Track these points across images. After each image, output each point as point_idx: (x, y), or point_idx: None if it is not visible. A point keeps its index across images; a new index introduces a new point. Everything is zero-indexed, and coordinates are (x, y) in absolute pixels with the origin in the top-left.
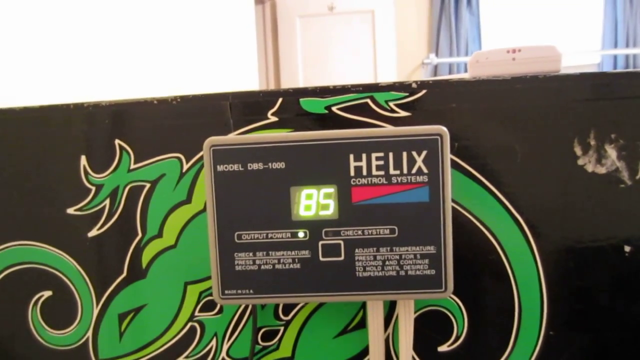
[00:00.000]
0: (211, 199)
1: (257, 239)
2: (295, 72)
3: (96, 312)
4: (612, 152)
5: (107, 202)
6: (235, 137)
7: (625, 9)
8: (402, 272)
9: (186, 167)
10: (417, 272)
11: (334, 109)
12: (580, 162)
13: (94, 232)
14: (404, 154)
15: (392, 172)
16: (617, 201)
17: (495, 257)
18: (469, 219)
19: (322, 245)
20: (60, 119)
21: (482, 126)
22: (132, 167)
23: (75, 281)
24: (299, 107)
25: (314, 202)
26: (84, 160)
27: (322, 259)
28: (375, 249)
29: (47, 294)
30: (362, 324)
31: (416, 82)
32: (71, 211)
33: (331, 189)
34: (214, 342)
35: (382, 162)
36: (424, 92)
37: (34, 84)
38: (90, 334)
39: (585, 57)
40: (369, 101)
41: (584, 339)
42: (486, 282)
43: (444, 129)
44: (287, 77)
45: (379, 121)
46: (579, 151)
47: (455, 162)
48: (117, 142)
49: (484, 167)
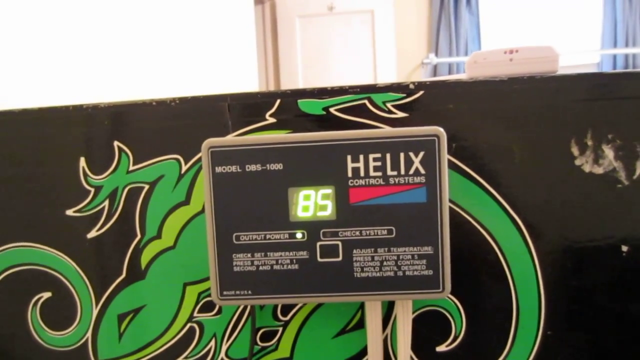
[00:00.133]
0: (209, 200)
1: (256, 240)
2: (294, 72)
3: (95, 312)
4: (609, 153)
5: (106, 203)
6: (233, 138)
7: (624, 8)
8: (400, 273)
9: (185, 169)
10: (415, 273)
11: (332, 110)
12: (577, 162)
13: (93, 233)
14: (402, 155)
15: (389, 173)
16: (614, 201)
17: (493, 257)
18: (467, 219)
19: (320, 246)
20: (59, 120)
21: (479, 127)
22: (131, 168)
23: (74, 282)
24: (297, 108)
25: (312, 203)
26: (83, 161)
27: (320, 259)
28: (373, 249)
29: (47, 295)
30: (361, 325)
31: (413, 83)
32: (70, 212)
33: (329, 190)
34: (213, 343)
35: (379, 163)
36: (421, 93)
37: (33, 85)
38: (89, 334)
39: (584, 56)
40: (366, 102)
41: (581, 339)
42: (484, 282)
43: (441, 129)
44: (286, 77)
45: (376, 122)
46: (576, 151)
47: (453, 163)
48: (116, 143)
49: (481, 167)
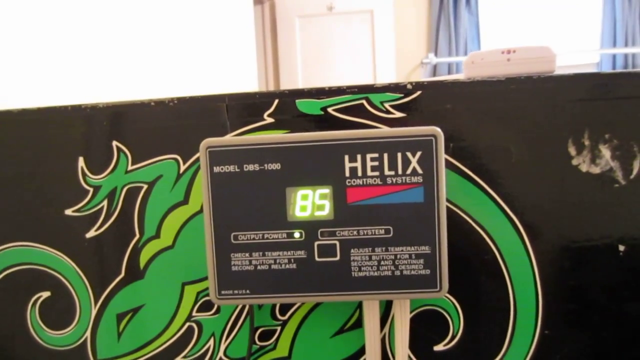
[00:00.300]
0: (207, 200)
1: (254, 239)
2: (294, 72)
3: (94, 312)
4: (606, 152)
5: (105, 203)
6: (231, 138)
7: (624, 8)
8: (398, 272)
9: (183, 168)
10: (412, 272)
11: (330, 110)
12: (574, 162)
13: (92, 233)
14: (399, 155)
15: (387, 172)
16: (611, 201)
17: (490, 256)
18: (465, 219)
19: (318, 245)
20: (58, 120)
21: (477, 127)
22: (130, 168)
23: (73, 282)
24: (295, 108)
25: (310, 202)
26: (81, 161)
27: (317, 259)
28: (370, 249)
29: (46, 294)
30: (359, 324)
31: (411, 83)
32: (69, 212)
33: (326, 190)
34: (212, 342)
35: (377, 163)
36: (419, 93)
37: (32, 86)
38: (88, 334)
39: (584, 56)
40: (364, 102)
41: (579, 338)
42: (482, 281)
43: (438, 130)
44: (286, 77)
45: (374, 122)
46: (573, 151)
47: (450, 163)
48: (114, 143)
49: (479, 167)
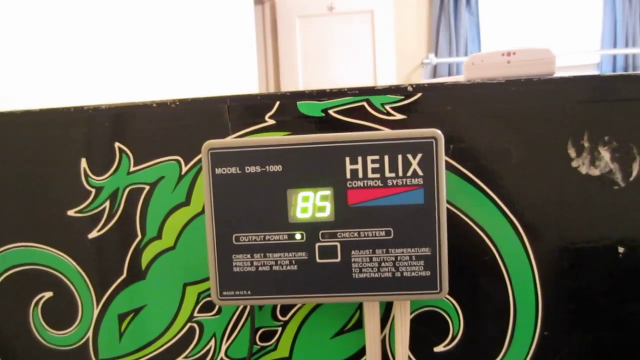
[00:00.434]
0: (209, 202)
1: (255, 240)
2: (295, 72)
3: (96, 312)
4: (605, 154)
5: (107, 204)
6: (232, 140)
7: (624, 8)
8: (398, 274)
9: (185, 170)
10: (413, 274)
11: (331, 112)
12: (574, 163)
13: (94, 234)
14: (399, 157)
15: (387, 174)
16: (610, 203)
17: (490, 258)
18: (465, 220)
19: (319, 247)
20: (60, 122)
21: (477, 128)
22: (132, 169)
23: (75, 282)
24: (296, 110)
25: (311, 204)
26: (84, 162)
27: (318, 260)
28: (371, 250)
29: (48, 294)
30: (359, 325)
31: (412, 85)
32: (71, 213)
33: (327, 192)
34: (213, 343)
35: (377, 165)
36: (419, 95)
37: (35, 87)
38: (90, 334)
39: (584, 56)
40: (365, 104)
41: (578, 339)
42: (481, 282)
43: (439, 132)
44: (286, 77)
45: (375, 124)
46: (573, 153)
47: (450, 164)
48: (116, 144)
49: (479, 169)
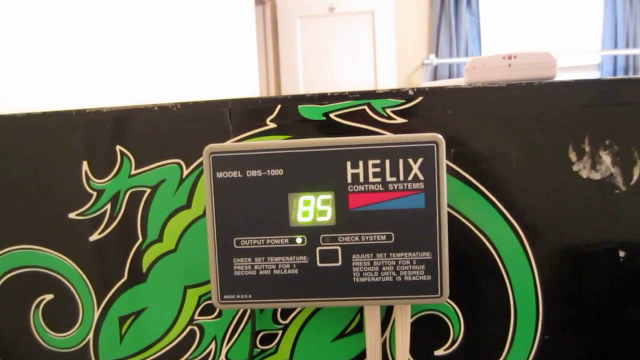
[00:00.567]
0: (210, 205)
1: (256, 244)
2: (295, 72)
3: (97, 315)
4: (606, 158)
5: (108, 207)
6: (234, 144)
7: (625, 9)
8: (399, 278)
9: (186, 173)
10: (414, 278)
11: (332, 116)
12: (575, 167)
13: (95, 237)
14: (400, 161)
15: (388, 179)
16: (611, 207)
17: (491, 261)
18: (465, 224)
19: (320, 251)
20: (62, 124)
21: (478, 132)
22: (133, 172)
23: (76, 284)
24: (298, 113)
25: (312, 208)
26: (85, 165)
27: (319, 264)
28: (372, 254)
29: (49, 297)
30: (360, 328)
31: (413, 89)
32: (73, 216)
33: (328, 196)
34: (213, 346)
35: (378, 169)
36: (420, 98)
37: (36, 90)
38: (91, 336)
39: (585, 57)
40: (366, 108)
41: (579, 344)
42: (482, 286)
43: (440, 136)
44: (287, 78)
45: (376, 127)
46: (573, 157)
47: (451, 168)
48: (118, 147)
49: (480, 172)
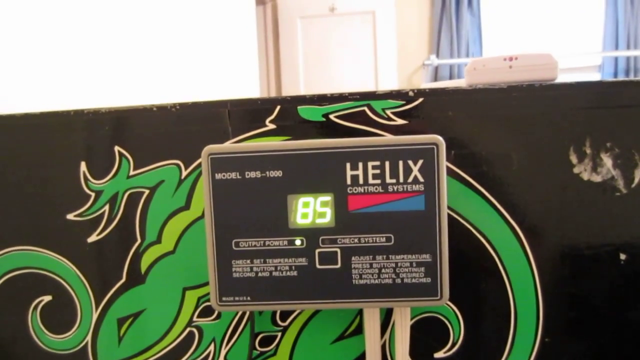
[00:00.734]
0: (209, 207)
1: (255, 246)
2: (296, 72)
3: (95, 316)
4: (607, 161)
5: (107, 207)
6: (233, 145)
7: (626, 10)
8: (398, 280)
9: (185, 174)
10: (413, 280)
11: (332, 117)
12: (576, 170)
13: (93, 238)
14: (400, 163)
15: (388, 180)
16: (612, 209)
17: (491, 264)
18: (466, 226)
19: (319, 253)
20: (60, 125)
21: (478, 134)
22: (132, 173)
23: (74, 286)
24: (297, 114)
25: (311, 210)
26: (83, 166)
27: (318, 266)
28: (371, 257)
29: (47, 298)
30: (359, 330)
31: (413, 90)
32: (71, 217)
33: (328, 197)
34: (212, 347)
35: (378, 171)
36: (420, 100)
37: (35, 90)
38: (89, 338)
39: (586, 58)
40: (366, 109)
41: (579, 346)
42: (482, 289)
43: (440, 138)
44: (287, 78)
45: (376, 129)
46: (574, 159)
47: (452, 170)
48: (116, 148)
49: (480, 174)
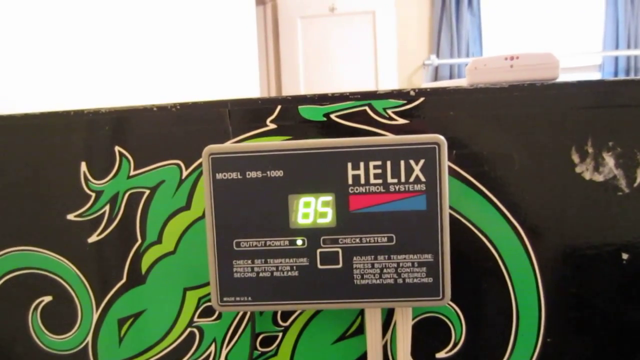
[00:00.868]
0: (210, 207)
1: (256, 246)
2: (296, 72)
3: (96, 317)
4: (609, 160)
5: (107, 208)
6: (233, 145)
7: (626, 9)
8: (400, 280)
9: (185, 174)
10: (415, 280)
11: (333, 117)
12: (578, 169)
13: (94, 238)
14: (402, 163)
15: (389, 180)
16: (614, 209)
17: (493, 264)
18: (467, 226)
19: (320, 253)
20: (60, 125)
21: (480, 133)
22: (132, 173)
23: (75, 286)
24: (298, 114)
25: (312, 210)
26: (84, 166)
27: (320, 266)
28: (373, 256)
29: (48, 299)
30: (360, 330)
31: (414, 89)
32: (71, 217)
33: (329, 197)
34: (213, 348)
35: (379, 171)
36: (421, 99)
37: (35, 90)
38: (90, 338)
39: (586, 58)
40: (367, 109)
41: (581, 346)
42: (484, 289)
43: (442, 138)
44: (288, 78)
45: (377, 129)
46: (576, 159)
47: (453, 170)
48: (117, 148)
49: (482, 174)
